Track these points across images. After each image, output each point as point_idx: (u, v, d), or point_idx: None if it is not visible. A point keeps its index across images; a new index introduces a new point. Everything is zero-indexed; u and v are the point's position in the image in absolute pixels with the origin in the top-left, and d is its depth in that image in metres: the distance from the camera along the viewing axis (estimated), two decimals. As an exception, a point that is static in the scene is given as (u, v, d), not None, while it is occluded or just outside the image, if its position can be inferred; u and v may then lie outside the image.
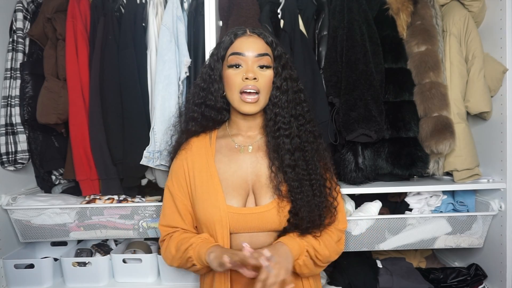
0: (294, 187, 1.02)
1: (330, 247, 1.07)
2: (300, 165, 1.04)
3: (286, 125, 1.05)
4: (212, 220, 1.03)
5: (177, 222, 1.12)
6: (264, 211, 1.03)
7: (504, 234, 1.50)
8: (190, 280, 1.57)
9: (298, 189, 1.02)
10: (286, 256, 0.96)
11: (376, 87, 1.47)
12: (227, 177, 1.07)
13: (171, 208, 1.13)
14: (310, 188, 1.04)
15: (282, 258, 0.94)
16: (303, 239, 1.03)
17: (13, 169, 1.64)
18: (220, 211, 1.03)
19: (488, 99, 1.55)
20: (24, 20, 1.64)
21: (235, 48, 1.05)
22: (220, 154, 1.11)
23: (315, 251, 1.04)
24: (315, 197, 1.04)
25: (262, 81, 1.04)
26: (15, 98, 1.62)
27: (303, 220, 1.02)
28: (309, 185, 1.04)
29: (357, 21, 1.50)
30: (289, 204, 1.04)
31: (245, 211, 1.04)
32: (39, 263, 1.57)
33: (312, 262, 1.05)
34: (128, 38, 1.53)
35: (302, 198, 1.02)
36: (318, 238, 1.05)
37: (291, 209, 1.03)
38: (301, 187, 1.03)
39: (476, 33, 1.56)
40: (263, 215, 1.03)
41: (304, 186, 1.03)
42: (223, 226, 1.03)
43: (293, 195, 1.03)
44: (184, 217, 1.11)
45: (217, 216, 1.03)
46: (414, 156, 1.50)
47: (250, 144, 1.11)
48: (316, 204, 1.03)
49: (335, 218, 1.10)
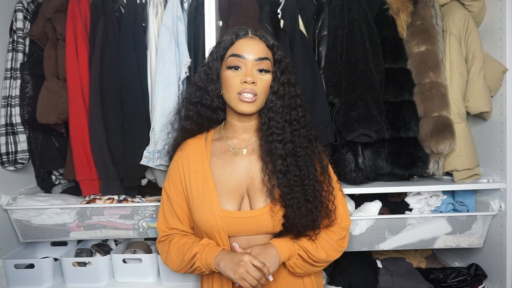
0: (286, 193, 1.02)
1: (328, 249, 1.08)
2: (291, 171, 1.03)
3: (279, 130, 1.05)
4: (208, 224, 1.03)
5: (174, 224, 1.12)
6: (258, 215, 1.04)
7: (504, 234, 1.50)
8: (190, 280, 1.58)
9: (289, 195, 1.02)
10: (272, 257, 1.00)
11: (376, 87, 1.47)
12: (222, 180, 1.07)
13: (168, 210, 1.13)
14: (302, 194, 1.03)
15: (268, 259, 0.99)
16: (295, 243, 1.05)
17: (13, 169, 1.64)
18: (215, 215, 1.03)
19: (488, 99, 1.55)
20: (24, 20, 1.64)
21: (235, 50, 1.04)
22: (215, 157, 1.11)
23: (308, 254, 1.05)
24: (307, 203, 1.03)
25: (260, 85, 1.04)
26: (15, 98, 1.62)
27: (294, 225, 1.02)
28: (301, 191, 1.03)
29: (357, 21, 1.50)
30: (283, 209, 1.04)
31: (240, 215, 1.04)
32: (39, 263, 1.57)
33: (307, 263, 1.06)
34: (128, 38, 1.53)
35: (293, 204, 1.01)
36: (314, 241, 1.06)
37: (284, 214, 1.03)
38: (292, 193, 1.02)
39: (476, 33, 1.56)
40: (257, 219, 1.04)
41: (295, 192, 1.02)
42: (220, 230, 1.03)
43: (284, 201, 1.02)
44: (181, 219, 1.12)
45: (212, 220, 1.03)
46: (414, 156, 1.50)
47: (244, 146, 1.11)
48: (309, 209, 1.03)
49: (334, 219, 1.10)
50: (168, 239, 1.13)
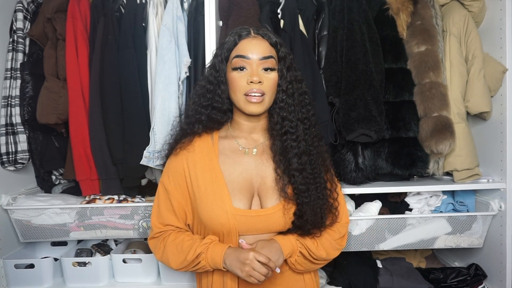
0: (302, 190, 1.03)
1: (328, 247, 1.10)
2: (307, 169, 1.05)
3: (293, 128, 1.05)
4: (219, 222, 1.03)
5: (170, 220, 1.11)
6: (271, 213, 1.04)
7: (504, 234, 1.50)
8: (190, 280, 1.57)
9: (306, 192, 1.03)
10: (277, 251, 1.02)
11: (376, 87, 1.47)
12: (233, 179, 1.07)
13: (165, 205, 1.11)
14: (315, 192, 1.05)
15: (273, 253, 1.01)
16: (298, 241, 1.06)
17: (13, 169, 1.64)
18: (227, 213, 1.02)
19: (488, 99, 1.55)
20: (24, 20, 1.64)
21: (239, 51, 1.04)
22: (223, 156, 1.10)
23: (309, 252, 1.07)
24: (319, 200, 1.05)
25: (267, 84, 1.03)
26: (15, 98, 1.62)
27: (307, 222, 1.04)
28: (315, 188, 1.05)
29: (357, 21, 1.50)
30: (294, 206, 1.05)
31: (252, 213, 1.04)
32: (39, 263, 1.57)
33: (308, 261, 1.08)
34: (128, 38, 1.53)
35: (309, 201, 1.03)
36: (316, 239, 1.08)
37: (296, 211, 1.04)
38: (308, 191, 1.03)
39: (476, 33, 1.56)
40: (269, 217, 1.04)
41: (310, 190, 1.04)
42: (231, 228, 1.03)
43: (299, 198, 1.03)
44: (179, 216, 1.10)
45: (224, 218, 1.02)
46: (414, 156, 1.51)
47: (254, 146, 1.11)
48: (320, 206, 1.05)
49: (336, 218, 1.12)
50: (162, 236, 1.11)
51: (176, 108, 1.47)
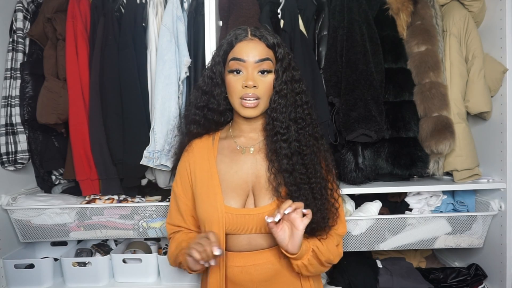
0: (293, 191, 1.02)
1: (332, 250, 1.08)
2: (297, 170, 1.03)
3: (284, 129, 1.04)
4: (210, 220, 1.04)
5: (178, 221, 1.15)
6: (263, 212, 1.03)
7: (504, 234, 1.50)
8: (190, 280, 1.57)
9: (297, 193, 1.02)
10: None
11: (376, 87, 1.47)
12: (228, 177, 1.08)
13: (174, 208, 1.16)
14: (310, 192, 1.03)
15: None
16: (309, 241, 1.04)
17: (13, 169, 1.64)
18: (217, 211, 1.03)
19: (488, 99, 1.55)
20: (24, 20, 1.64)
21: (235, 53, 1.04)
22: (221, 155, 1.11)
23: (319, 252, 1.05)
24: (315, 200, 1.03)
25: (262, 88, 1.03)
26: (15, 98, 1.62)
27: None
28: (309, 188, 1.03)
29: (357, 21, 1.50)
30: None
31: (243, 212, 1.04)
32: (39, 263, 1.57)
33: (317, 262, 1.06)
34: (128, 38, 1.53)
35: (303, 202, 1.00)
36: (323, 241, 1.06)
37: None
38: (299, 191, 1.02)
39: (476, 33, 1.56)
40: (261, 216, 1.03)
41: (302, 190, 1.02)
42: (220, 226, 1.03)
43: (292, 199, 1.02)
44: (186, 218, 1.13)
45: (214, 216, 1.03)
46: (414, 156, 1.50)
47: (251, 145, 1.11)
48: (318, 207, 1.03)
49: (337, 219, 1.10)
50: (173, 237, 1.15)
51: (176, 108, 1.47)
